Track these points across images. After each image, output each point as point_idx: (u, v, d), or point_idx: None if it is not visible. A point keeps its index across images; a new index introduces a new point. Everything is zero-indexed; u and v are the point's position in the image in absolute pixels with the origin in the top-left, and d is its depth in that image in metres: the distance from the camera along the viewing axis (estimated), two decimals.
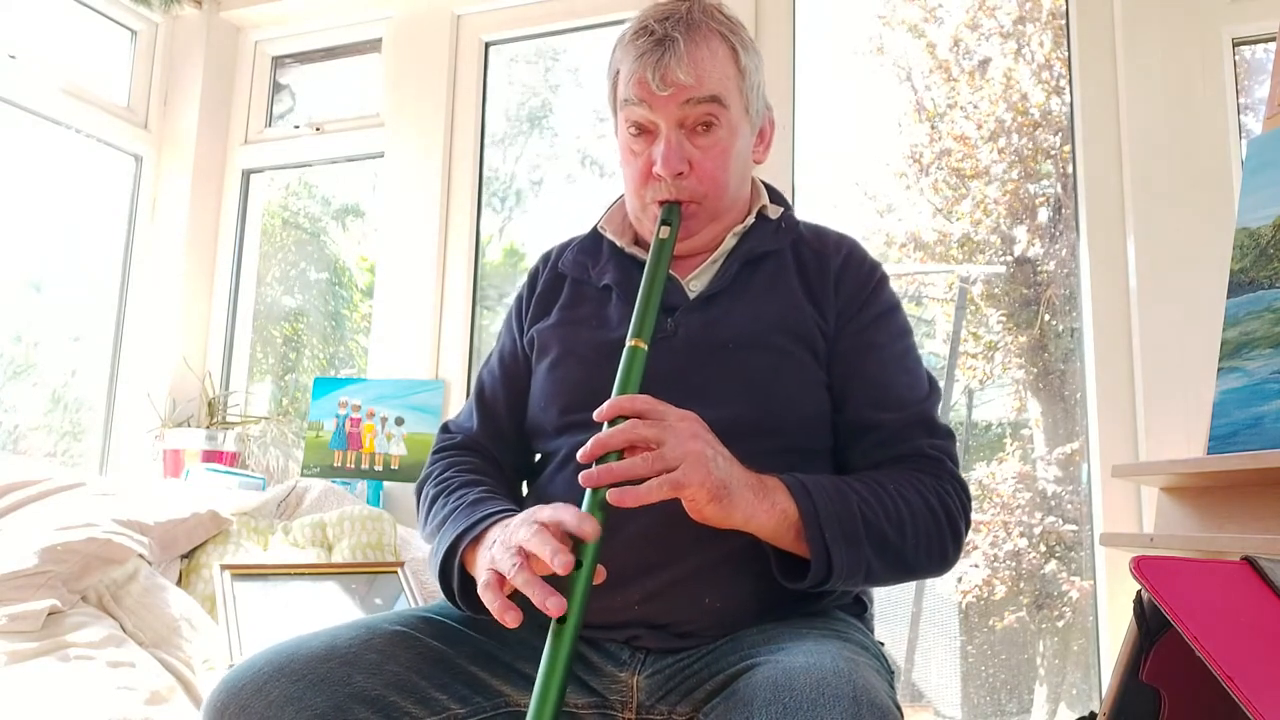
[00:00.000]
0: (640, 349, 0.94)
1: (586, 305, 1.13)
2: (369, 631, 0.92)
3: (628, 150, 1.09)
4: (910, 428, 1.02)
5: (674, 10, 1.05)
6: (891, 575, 0.96)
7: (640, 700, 0.95)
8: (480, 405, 1.18)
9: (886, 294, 1.11)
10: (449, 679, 0.92)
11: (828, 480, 0.94)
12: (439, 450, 1.16)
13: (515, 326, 1.19)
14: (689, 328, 1.05)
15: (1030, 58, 3.51)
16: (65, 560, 1.54)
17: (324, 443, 2.38)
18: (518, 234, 2.87)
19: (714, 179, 1.06)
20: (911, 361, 1.08)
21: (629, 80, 1.04)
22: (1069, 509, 3.15)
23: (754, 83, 1.09)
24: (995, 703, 2.99)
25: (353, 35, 2.73)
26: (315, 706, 0.83)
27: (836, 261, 1.10)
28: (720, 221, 1.11)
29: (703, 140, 1.05)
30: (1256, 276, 1.43)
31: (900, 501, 0.94)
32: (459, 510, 0.99)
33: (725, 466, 0.86)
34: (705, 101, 1.03)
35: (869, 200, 3.63)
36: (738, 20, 1.10)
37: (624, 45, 1.07)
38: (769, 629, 0.93)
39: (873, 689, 0.75)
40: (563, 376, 1.08)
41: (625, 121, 1.08)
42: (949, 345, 3.46)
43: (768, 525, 0.89)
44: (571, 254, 1.18)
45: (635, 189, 1.09)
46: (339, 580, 1.80)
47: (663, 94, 1.02)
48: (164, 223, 2.69)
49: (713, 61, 1.03)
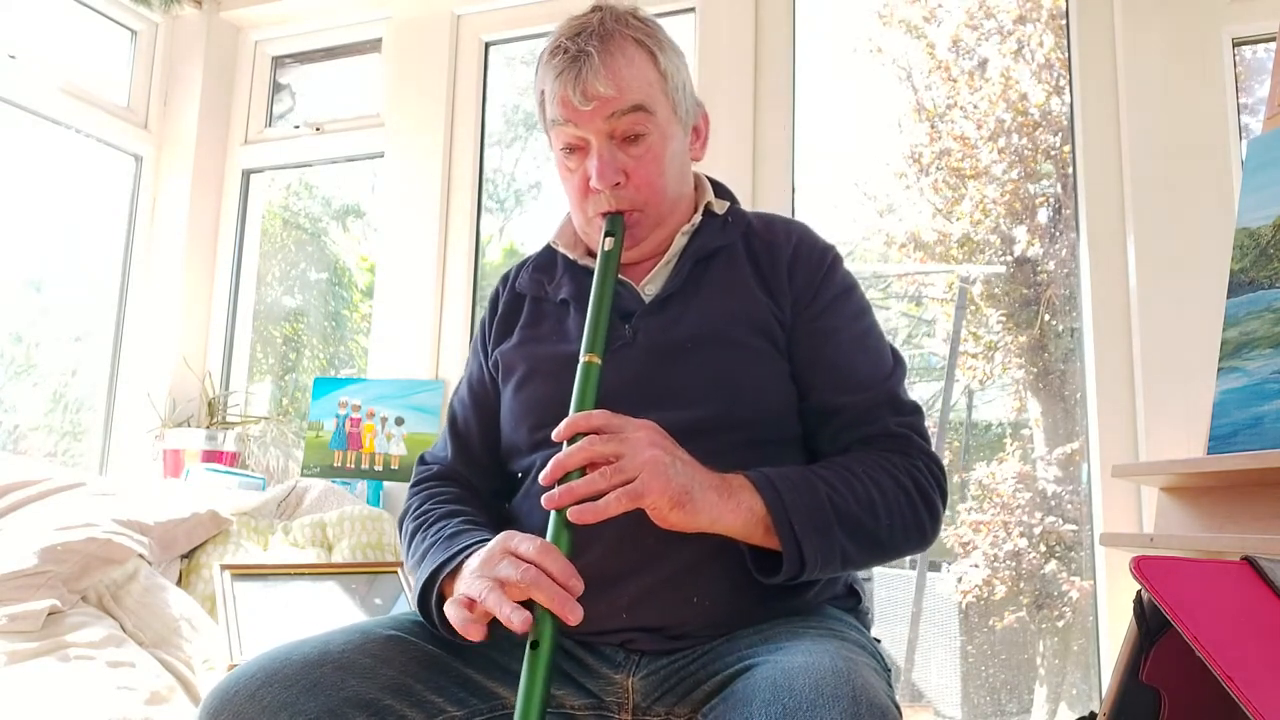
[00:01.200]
0: (594, 364, 0.94)
1: (546, 322, 1.13)
2: (363, 636, 0.92)
3: (563, 168, 1.10)
4: (875, 408, 1.02)
5: (585, 24, 1.04)
6: (869, 558, 0.96)
7: (636, 701, 0.95)
8: (454, 434, 1.19)
9: (840, 275, 1.11)
10: (444, 682, 0.92)
11: (794, 472, 0.94)
12: (417, 483, 1.17)
13: (480, 351, 1.20)
14: (647, 332, 1.05)
15: (1030, 58, 3.51)
16: (65, 560, 1.54)
17: (324, 443, 2.38)
18: (518, 234, 2.87)
19: (651, 185, 1.06)
20: (872, 340, 1.08)
21: (553, 100, 1.04)
22: (1069, 509, 3.15)
23: (678, 83, 1.08)
24: (995, 703, 2.99)
25: (353, 35, 2.73)
26: (309, 711, 0.83)
27: (788, 249, 1.10)
28: (666, 224, 1.11)
29: (634, 149, 1.05)
30: (1256, 276, 1.43)
31: (869, 483, 0.94)
32: (437, 544, 1.00)
33: (685, 471, 0.87)
34: (630, 111, 1.03)
35: (869, 200, 3.63)
36: (653, 22, 1.09)
37: (543, 66, 1.07)
38: (765, 629, 0.93)
39: (872, 688, 0.75)
40: (529, 395, 1.08)
41: (557, 140, 1.08)
42: (949, 345, 3.46)
43: (736, 524, 0.89)
44: (527, 273, 1.18)
45: (577, 204, 1.10)
46: (339, 580, 1.80)
47: (585, 109, 1.02)
48: (164, 223, 2.69)
49: (631, 69, 1.03)
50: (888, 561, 1.00)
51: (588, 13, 1.06)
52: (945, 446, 3.40)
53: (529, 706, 0.77)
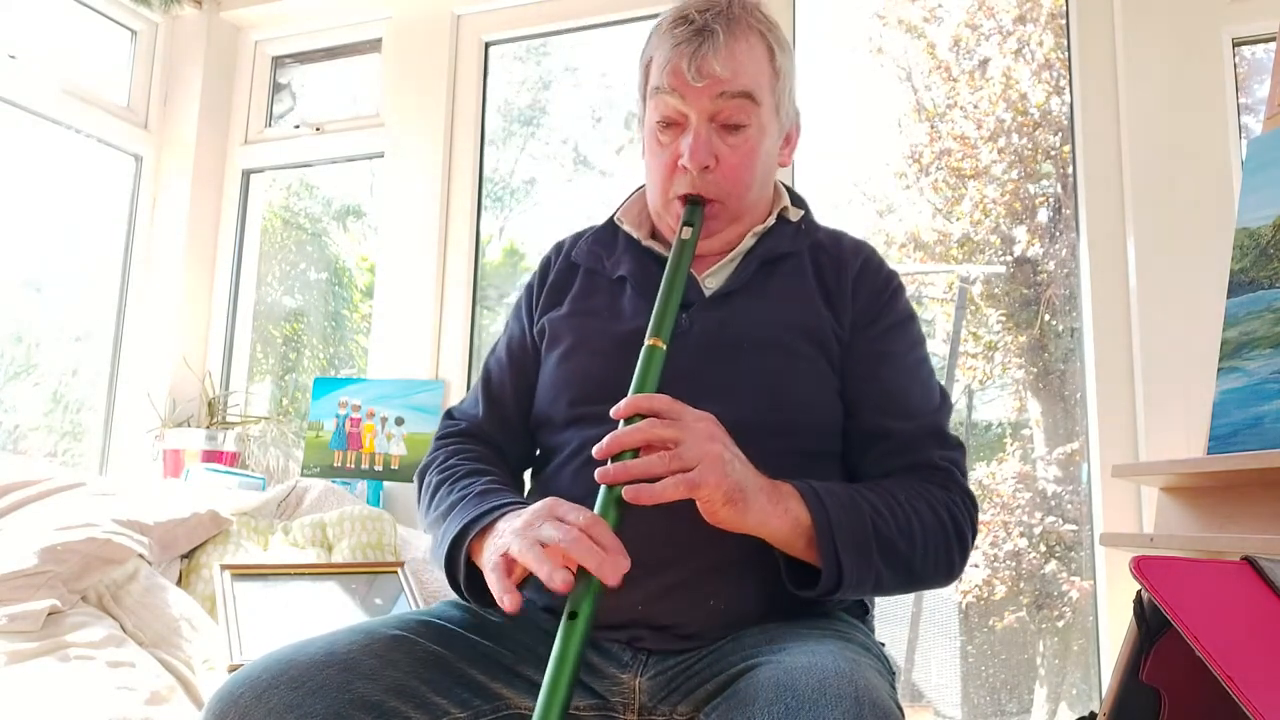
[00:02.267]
0: (659, 348, 0.93)
1: (600, 296, 1.11)
2: (368, 636, 0.92)
3: (654, 140, 1.07)
4: (922, 438, 1.02)
5: (714, 2, 1.03)
6: (899, 585, 0.96)
7: (642, 702, 0.94)
8: (487, 393, 1.16)
9: (903, 303, 1.11)
10: (449, 683, 0.92)
11: (840, 488, 0.93)
12: (443, 437, 1.15)
13: (525, 315, 1.17)
14: (704, 325, 1.04)
15: (1030, 57, 3.52)
16: (65, 560, 1.54)
17: (324, 443, 2.38)
18: (517, 234, 2.87)
19: (739, 177, 1.05)
20: (925, 372, 1.08)
21: (663, 68, 1.03)
22: (1069, 509, 3.15)
23: (787, 85, 1.08)
24: (995, 703, 2.99)
25: (353, 35, 2.73)
26: (315, 713, 0.82)
27: (854, 267, 1.10)
28: (741, 222, 1.10)
29: (732, 137, 1.04)
30: (1256, 276, 1.43)
31: (911, 513, 0.94)
32: (466, 499, 0.98)
33: (741, 470, 0.86)
34: (738, 96, 1.02)
35: (869, 200, 3.64)
36: (776, 20, 1.08)
37: (660, 33, 1.05)
38: (770, 629, 0.93)
39: (875, 689, 0.75)
40: (574, 368, 1.06)
41: (654, 111, 1.06)
42: (949, 345, 3.46)
43: (780, 531, 0.88)
44: (586, 244, 1.16)
45: (659, 181, 1.08)
46: (339, 580, 1.80)
47: (697, 85, 1.00)
48: (164, 223, 2.69)
49: (750, 57, 1.02)
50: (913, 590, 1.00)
51: None
52: None
53: (559, 677, 0.76)
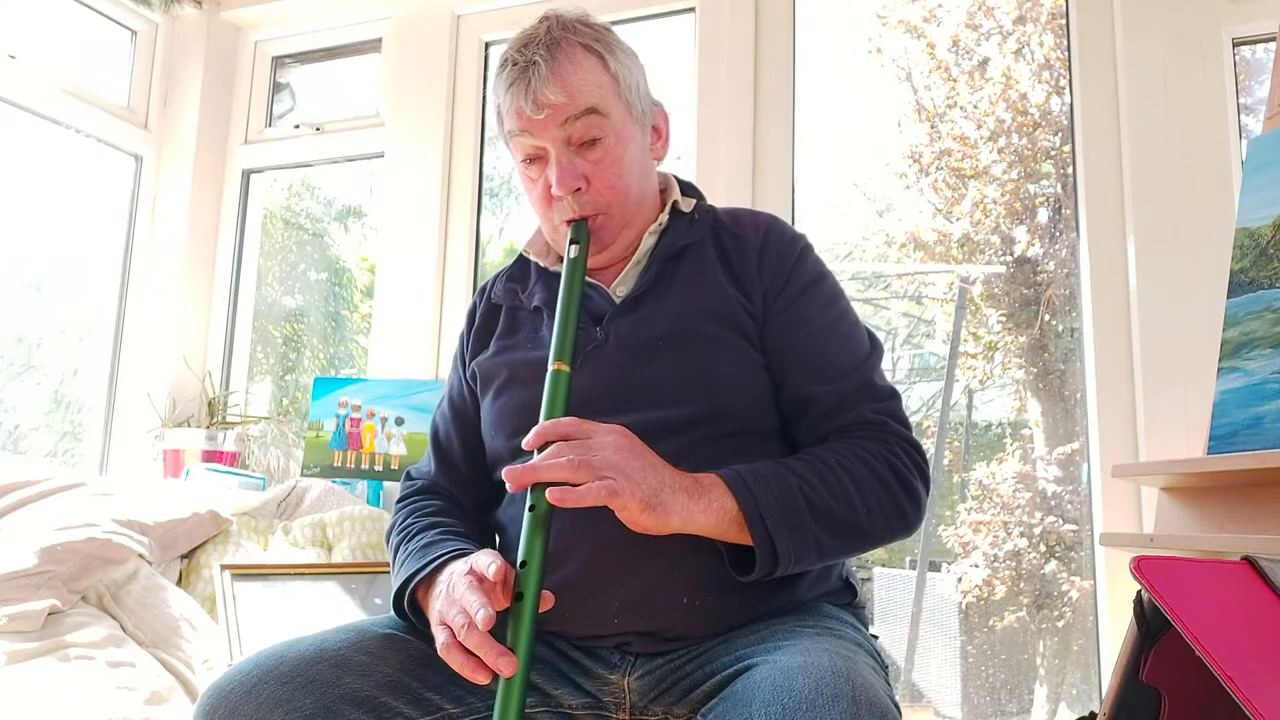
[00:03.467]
0: (563, 371, 0.94)
1: (522, 330, 1.14)
2: (359, 634, 0.93)
3: (526, 179, 1.10)
4: (850, 396, 1.02)
5: (533, 35, 1.06)
6: (847, 548, 0.96)
7: (633, 701, 0.95)
8: (436, 448, 1.20)
9: (810, 263, 1.10)
10: (441, 679, 0.93)
11: (766, 467, 0.94)
12: (401, 499, 1.17)
13: (459, 364, 1.21)
14: (619, 332, 1.05)
15: (1030, 57, 3.51)
16: (65, 560, 1.54)
17: (324, 443, 2.38)
18: (518, 233, 2.87)
19: (612, 188, 1.06)
20: (846, 327, 1.08)
21: (508, 113, 1.06)
22: (1069, 509, 3.15)
23: (631, 84, 1.08)
24: (995, 703, 2.99)
25: (353, 35, 2.73)
26: (305, 708, 0.83)
27: (756, 241, 1.10)
28: (633, 225, 1.11)
29: (593, 154, 1.05)
30: (1256, 276, 1.43)
31: (842, 472, 0.94)
32: (411, 555, 1.01)
33: (653, 474, 0.87)
34: (583, 115, 1.03)
35: (869, 200, 3.63)
36: (603, 27, 1.09)
37: (495, 81, 1.08)
38: (762, 628, 0.93)
39: (871, 688, 0.76)
40: (506, 402, 1.09)
41: (516, 152, 1.09)
42: (949, 345, 3.46)
43: (708, 524, 0.89)
44: (501, 283, 1.19)
45: (542, 213, 1.11)
46: (339, 580, 1.80)
47: (539, 117, 1.02)
48: (164, 223, 2.69)
49: (580, 74, 1.03)
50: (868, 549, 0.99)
51: (536, 25, 1.07)
52: (945, 446, 3.40)
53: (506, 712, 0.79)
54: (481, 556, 0.88)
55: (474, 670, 0.82)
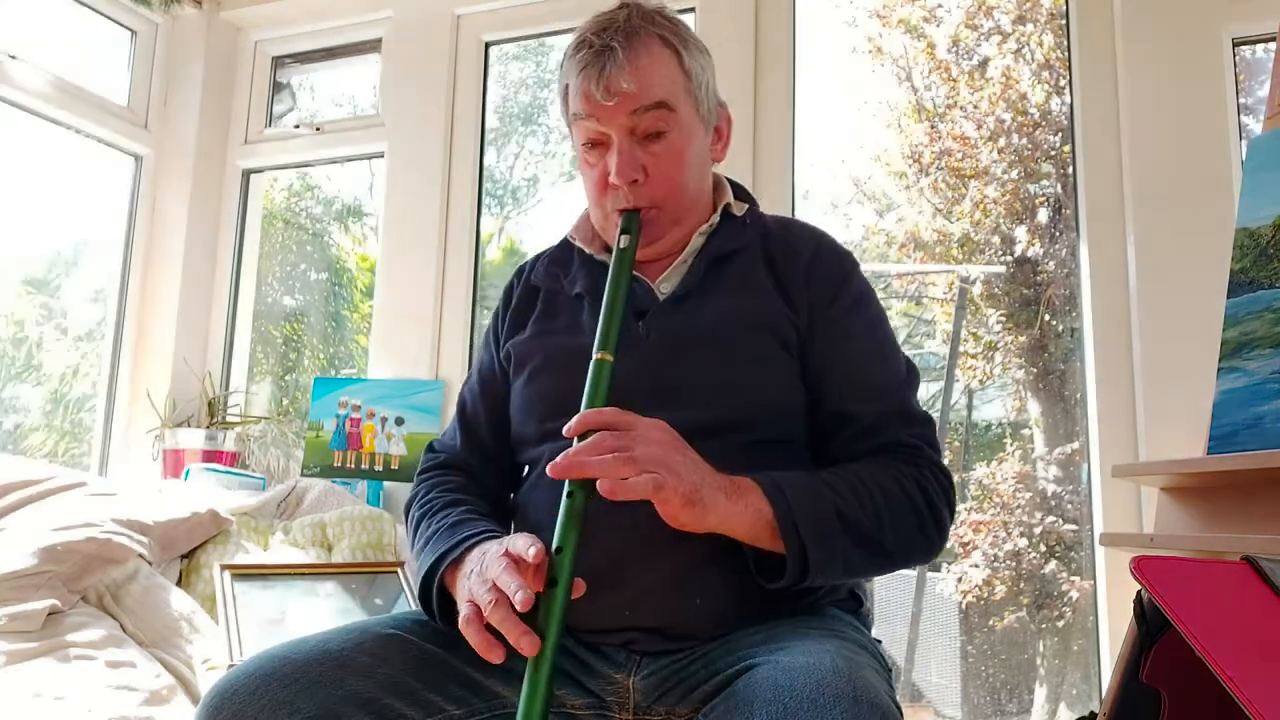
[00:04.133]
0: (606, 361, 0.94)
1: (561, 315, 1.13)
2: (362, 634, 0.93)
3: (584, 163, 1.10)
4: (887, 417, 1.02)
5: (611, 20, 1.04)
6: (873, 567, 0.96)
7: (637, 701, 0.95)
8: (463, 423, 1.19)
9: (858, 282, 1.11)
10: (444, 681, 0.92)
11: (803, 477, 0.94)
12: (423, 471, 1.17)
13: (492, 342, 1.20)
14: (660, 330, 1.05)
15: (1030, 57, 3.52)
16: (65, 560, 1.54)
17: (324, 443, 2.38)
18: (518, 233, 2.87)
19: (670, 183, 1.06)
20: (887, 349, 1.08)
21: (576, 95, 1.05)
22: (1069, 509, 3.15)
23: (701, 82, 1.08)
24: (995, 703, 2.99)
25: (353, 35, 2.73)
26: (308, 710, 0.83)
27: (806, 253, 1.10)
28: (684, 223, 1.10)
29: (655, 146, 1.05)
30: (1256, 276, 1.43)
31: (877, 492, 0.94)
32: (439, 533, 1.00)
33: (696, 470, 0.87)
34: (652, 108, 1.03)
35: (869, 200, 3.63)
36: (679, 21, 1.09)
37: (567, 61, 1.07)
38: (766, 628, 0.93)
39: (873, 689, 0.75)
40: (539, 387, 1.08)
41: (578, 135, 1.08)
42: (949, 345, 3.46)
43: (743, 526, 0.89)
44: (543, 266, 1.18)
45: (595, 199, 1.10)
46: (339, 580, 1.80)
47: (608, 104, 1.01)
48: (164, 223, 2.69)
49: (655, 66, 1.03)
50: (891, 571, 1.00)
51: (615, 9, 1.06)
52: (945, 446, 3.39)
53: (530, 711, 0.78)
54: (519, 539, 0.87)
55: (489, 648, 0.82)
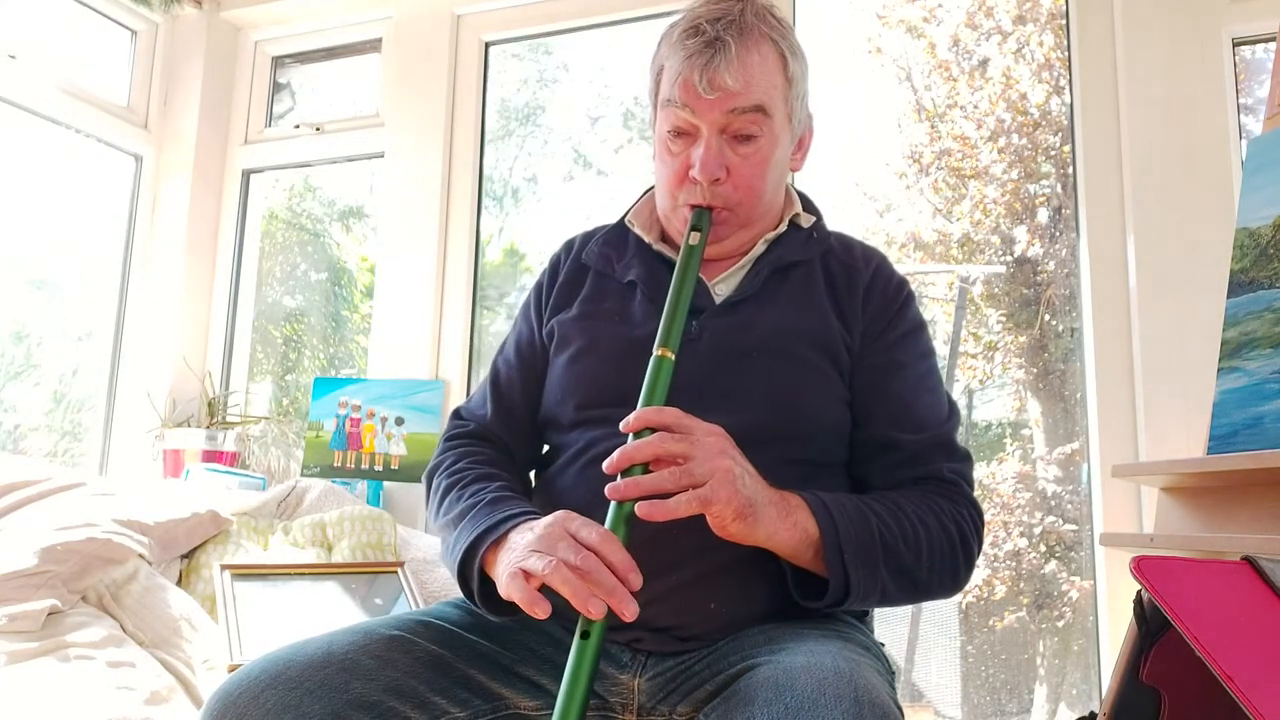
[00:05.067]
0: (667, 358, 0.92)
1: (610, 300, 1.11)
2: (366, 636, 0.92)
3: (665, 149, 1.07)
4: (930, 450, 1.02)
5: (727, 11, 1.01)
6: (905, 597, 0.96)
7: (641, 702, 0.95)
8: (495, 393, 1.16)
9: (913, 312, 1.10)
10: (448, 683, 0.92)
11: (849, 500, 0.94)
12: (452, 437, 1.14)
13: (534, 315, 1.17)
14: (714, 332, 1.03)
15: (1030, 57, 3.52)
16: (65, 560, 1.54)
17: (324, 443, 2.38)
18: (518, 233, 2.87)
19: (750, 188, 1.04)
20: (934, 382, 1.08)
21: (674, 80, 1.02)
22: (1069, 509, 3.15)
23: (799, 91, 1.07)
24: (995, 703, 2.99)
25: (353, 35, 2.73)
26: (313, 714, 0.82)
27: (865, 276, 1.09)
28: (751, 228, 1.09)
29: (743, 148, 1.03)
30: (1256, 276, 1.43)
31: (919, 525, 0.94)
32: (478, 508, 0.97)
33: (751, 484, 0.86)
34: (750, 110, 1.01)
35: (869, 200, 3.63)
36: (788, 24, 1.07)
37: (671, 42, 1.04)
38: (770, 629, 0.93)
39: (874, 689, 0.75)
40: (582, 371, 1.06)
41: (665, 121, 1.05)
42: (949, 345, 3.46)
43: (788, 544, 0.89)
44: (596, 245, 1.16)
45: (669, 189, 1.07)
46: (339, 580, 1.79)
47: (709, 98, 0.99)
48: (164, 223, 2.69)
49: (762, 69, 1.01)
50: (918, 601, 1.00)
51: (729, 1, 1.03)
52: None
53: (572, 697, 0.77)
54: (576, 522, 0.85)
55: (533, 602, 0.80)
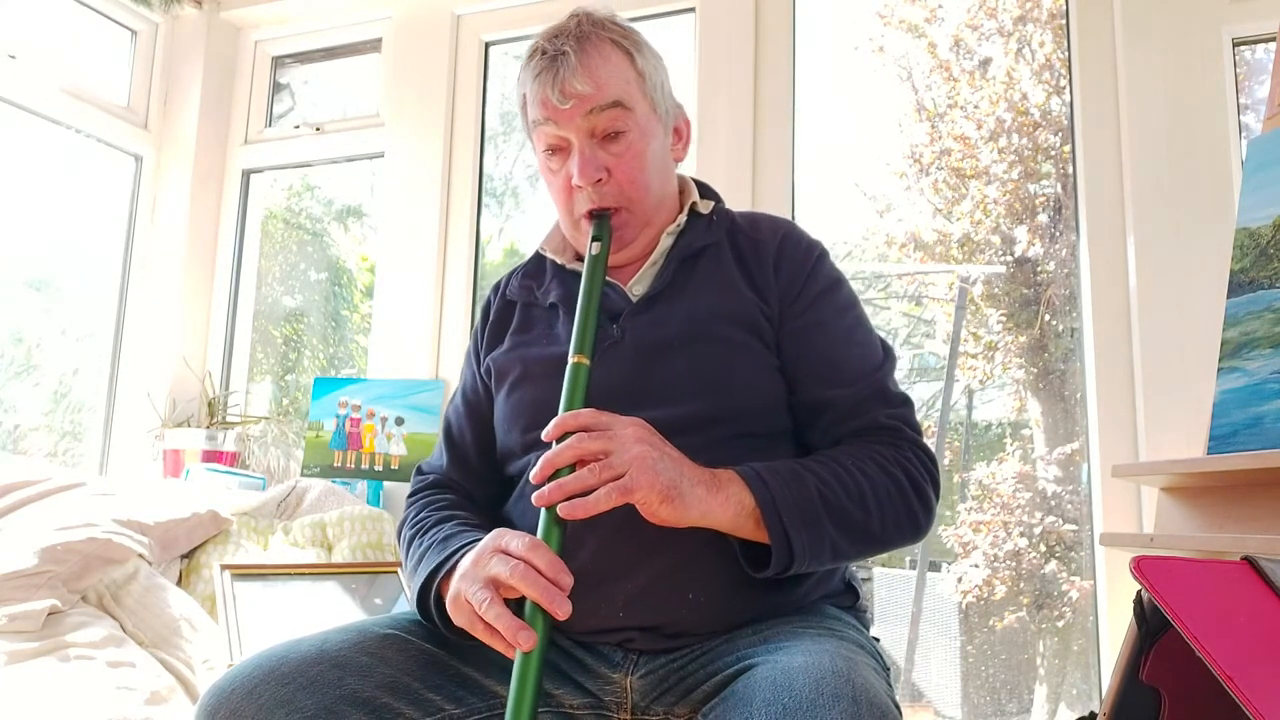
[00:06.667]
0: (583, 364, 0.95)
1: (537, 326, 1.14)
2: (360, 634, 0.93)
3: (547, 171, 1.11)
4: (865, 401, 1.03)
5: (563, 28, 1.07)
6: (860, 550, 0.97)
7: (635, 701, 0.95)
8: (449, 443, 1.20)
9: (827, 269, 1.11)
10: (442, 680, 0.93)
11: (783, 465, 0.94)
12: (413, 494, 1.18)
13: (474, 359, 1.21)
14: (635, 331, 1.06)
15: (1031, 57, 3.52)
16: (65, 560, 1.54)
17: (324, 443, 2.38)
18: (518, 234, 2.87)
19: (634, 181, 1.07)
20: (861, 333, 1.09)
21: (534, 102, 1.06)
22: (1069, 509, 3.16)
23: (656, 83, 1.10)
24: (995, 703, 2.99)
25: (353, 35, 2.73)
26: (306, 709, 0.83)
27: (773, 245, 1.11)
28: (653, 225, 1.12)
29: (615, 146, 1.06)
30: (1256, 276, 1.43)
31: (859, 475, 0.95)
32: (433, 547, 1.01)
33: (673, 466, 0.88)
34: (609, 108, 1.04)
35: (869, 200, 3.63)
36: (630, 26, 1.11)
37: (523, 70, 1.09)
38: (764, 628, 0.94)
39: (872, 688, 0.76)
40: (521, 397, 1.09)
41: (539, 142, 1.09)
42: (949, 345, 3.46)
43: (725, 518, 0.89)
44: (516, 280, 1.20)
45: (562, 204, 1.11)
46: (339, 580, 1.80)
47: (565, 107, 1.03)
48: (164, 223, 2.69)
49: (608, 68, 1.05)
50: (880, 553, 1.00)
51: (565, 19, 1.09)
52: (945, 446, 3.40)
53: (520, 707, 0.79)
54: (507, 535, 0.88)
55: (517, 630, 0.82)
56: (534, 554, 0.84)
